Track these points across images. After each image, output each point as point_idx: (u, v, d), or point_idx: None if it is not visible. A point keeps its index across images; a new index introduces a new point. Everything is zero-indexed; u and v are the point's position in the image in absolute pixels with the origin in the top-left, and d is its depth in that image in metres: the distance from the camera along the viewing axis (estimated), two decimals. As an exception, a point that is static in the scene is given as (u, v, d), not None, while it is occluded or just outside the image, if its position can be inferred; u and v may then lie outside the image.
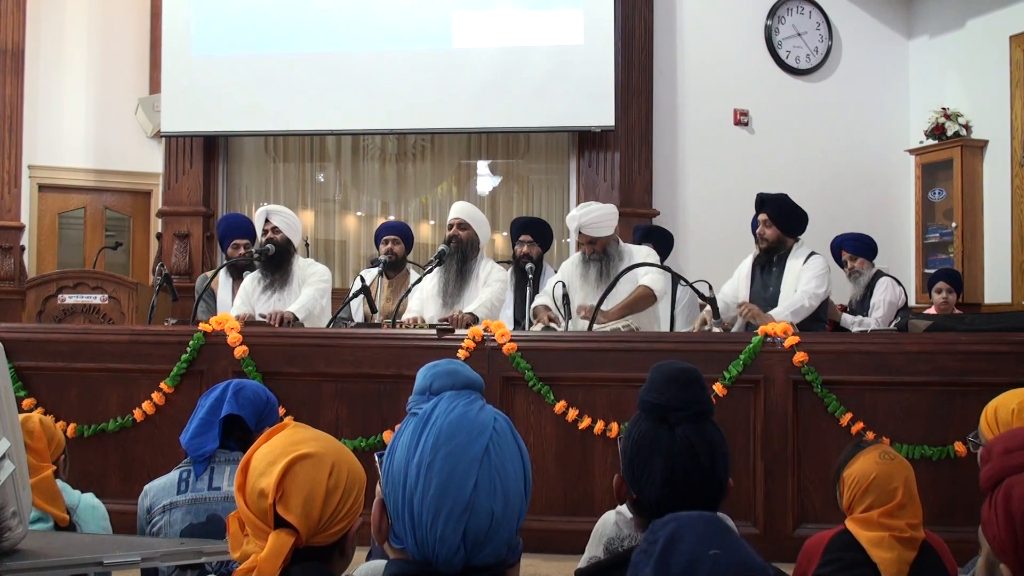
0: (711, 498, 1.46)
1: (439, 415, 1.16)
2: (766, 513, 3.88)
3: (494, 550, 1.13)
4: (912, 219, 7.46)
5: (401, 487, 1.13)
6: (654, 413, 1.50)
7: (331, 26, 6.95)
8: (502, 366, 4.02)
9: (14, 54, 6.89)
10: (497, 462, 1.14)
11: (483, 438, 1.14)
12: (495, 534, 1.12)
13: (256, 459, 1.47)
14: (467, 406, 1.18)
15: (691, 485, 1.43)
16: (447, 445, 1.13)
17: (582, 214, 4.54)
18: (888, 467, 2.19)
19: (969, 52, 7.16)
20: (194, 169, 7.22)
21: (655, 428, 1.48)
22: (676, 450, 1.45)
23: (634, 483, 1.48)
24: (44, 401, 4.18)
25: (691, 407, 1.49)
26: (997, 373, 3.76)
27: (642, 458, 1.47)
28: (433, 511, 1.10)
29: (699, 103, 7.26)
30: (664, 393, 1.50)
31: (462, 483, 1.10)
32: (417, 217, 7.54)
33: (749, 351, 3.91)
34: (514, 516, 1.14)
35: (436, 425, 1.15)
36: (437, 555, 1.11)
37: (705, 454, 1.45)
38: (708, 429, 1.49)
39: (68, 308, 5.56)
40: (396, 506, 1.14)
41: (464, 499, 1.10)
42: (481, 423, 1.16)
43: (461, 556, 1.11)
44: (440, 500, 1.10)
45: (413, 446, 1.14)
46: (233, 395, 2.36)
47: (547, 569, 3.63)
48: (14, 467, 1.83)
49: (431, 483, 1.11)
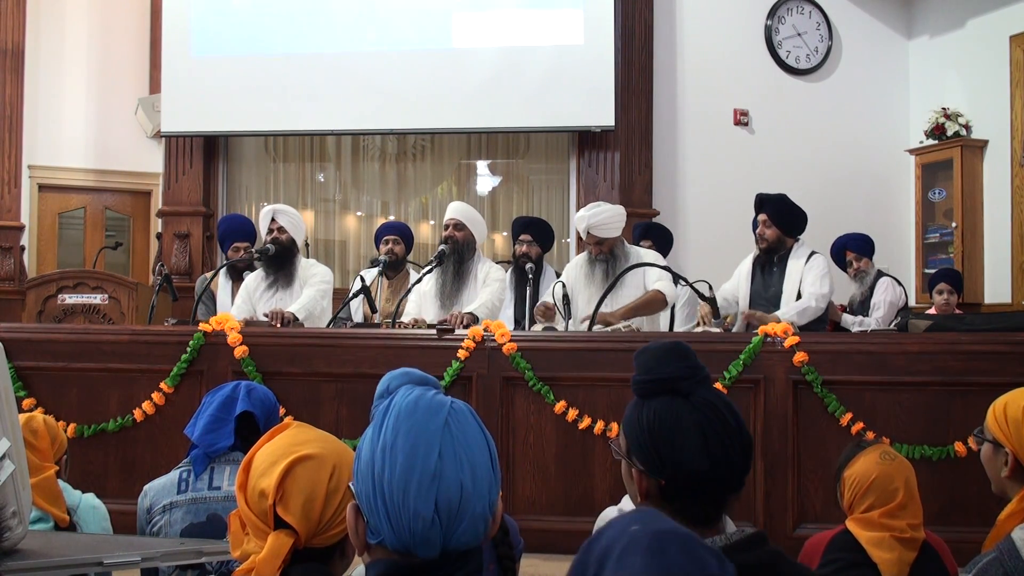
0: (745, 460, 1.41)
1: (397, 402, 1.18)
2: (766, 513, 3.88)
3: (470, 527, 1.12)
4: (912, 219, 7.47)
5: (370, 476, 1.14)
6: (662, 389, 1.44)
7: (331, 26, 6.95)
8: (502, 366, 4.02)
9: (14, 54, 6.88)
10: (458, 434, 1.15)
11: (442, 412, 1.16)
12: (467, 507, 1.12)
13: (258, 459, 1.48)
14: (423, 392, 1.20)
15: (725, 445, 1.39)
16: (407, 422, 1.14)
17: (591, 215, 4.47)
18: (889, 467, 2.19)
19: (969, 52, 7.16)
20: (194, 169, 7.23)
21: (670, 402, 1.43)
22: (702, 416, 1.40)
23: (661, 468, 1.40)
24: (44, 401, 4.18)
25: (697, 373, 1.45)
26: (997, 373, 3.76)
27: (667, 435, 1.40)
28: (403, 486, 1.11)
29: (699, 103, 7.26)
30: (667, 366, 1.45)
31: (427, 453, 1.12)
32: (417, 217, 7.54)
33: (749, 351, 3.91)
34: (484, 490, 1.14)
35: (395, 410, 1.17)
36: (414, 535, 1.11)
37: (730, 413, 1.41)
38: (718, 392, 1.46)
39: (68, 308, 5.56)
40: (368, 498, 1.14)
41: (431, 467, 1.11)
42: (438, 402, 1.18)
43: (437, 532, 1.11)
44: (408, 472, 1.11)
45: (376, 436, 1.16)
46: (246, 393, 2.38)
47: (547, 569, 3.63)
48: (14, 467, 1.83)
49: (397, 459, 1.12)
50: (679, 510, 1.39)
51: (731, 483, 1.41)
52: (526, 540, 2.76)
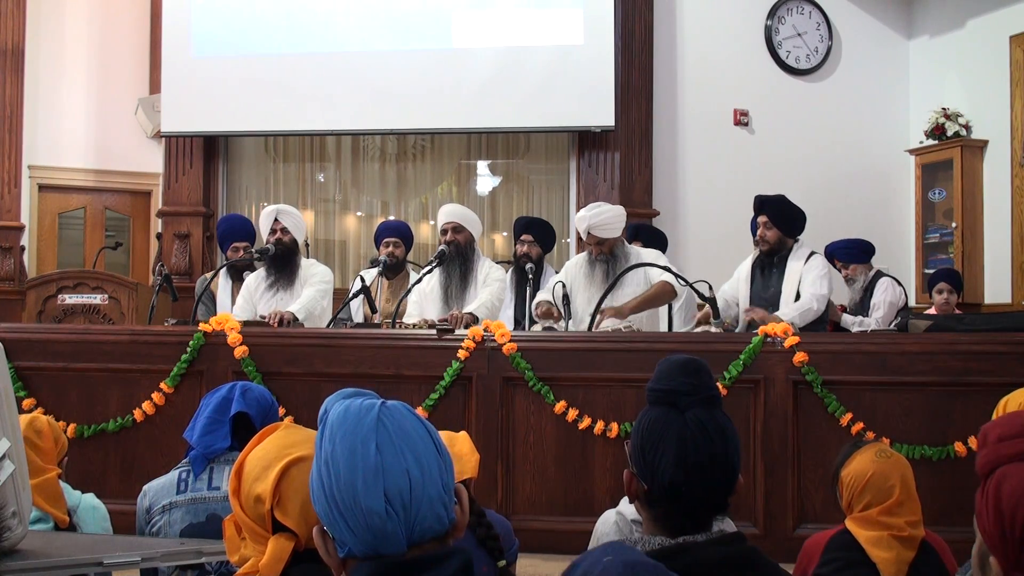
0: (724, 482, 1.45)
1: (329, 417, 1.19)
2: (766, 513, 3.88)
3: (430, 512, 1.13)
4: (912, 219, 7.46)
5: (321, 490, 1.15)
6: (664, 399, 1.49)
7: (331, 26, 6.95)
8: (502, 366, 4.02)
9: (14, 54, 6.89)
10: (393, 427, 1.15)
11: (372, 412, 1.17)
12: (421, 494, 1.12)
13: (250, 463, 1.47)
14: (352, 399, 1.21)
15: (703, 466, 1.42)
16: (341, 429, 1.16)
17: (592, 215, 4.46)
18: (884, 465, 2.20)
19: (969, 52, 7.16)
20: (194, 169, 7.23)
21: (666, 413, 1.47)
22: (688, 432, 1.44)
23: (645, 472, 1.46)
24: (44, 401, 4.18)
25: (700, 392, 1.48)
26: (997, 373, 3.76)
27: (653, 443, 1.45)
28: (350, 488, 1.12)
29: (699, 103, 7.26)
30: (673, 380, 1.50)
31: (364, 450, 1.13)
32: (417, 217, 7.54)
33: (749, 351, 3.91)
34: (434, 474, 1.15)
35: (328, 424, 1.18)
36: (374, 533, 1.11)
37: (717, 436, 1.44)
38: (719, 415, 1.48)
39: (68, 308, 5.56)
40: (325, 513, 1.15)
41: (371, 462, 1.12)
42: (368, 404, 1.18)
43: (396, 524, 1.11)
44: (351, 473, 1.12)
45: (319, 454, 1.17)
46: (241, 394, 2.38)
47: (547, 569, 3.63)
48: (14, 467, 1.83)
49: (339, 465, 1.13)
50: (657, 517, 1.45)
51: (708, 501, 1.44)
52: (526, 540, 2.77)
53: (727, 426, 1.48)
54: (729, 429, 1.48)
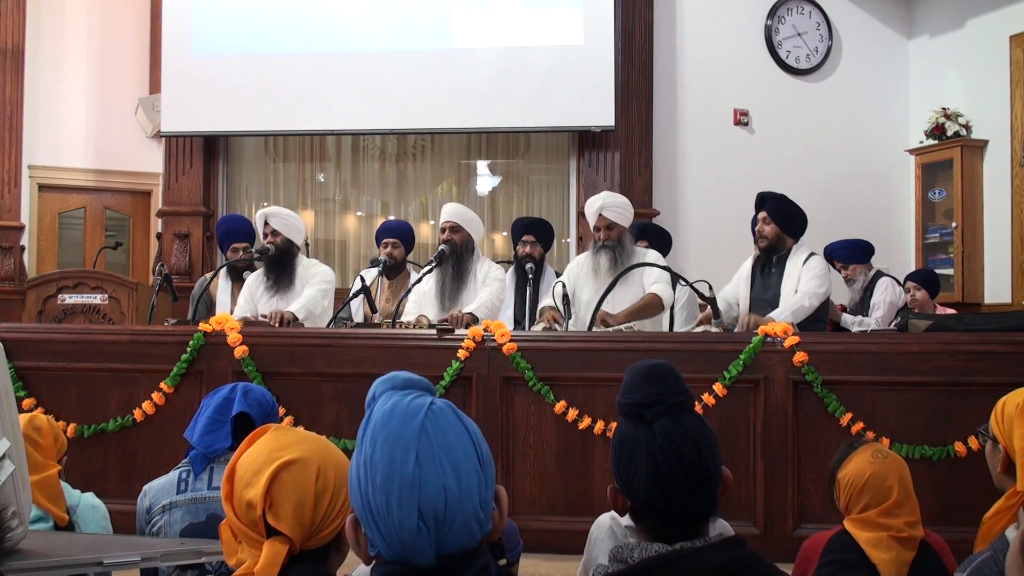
0: (700, 491, 1.41)
1: (375, 412, 1.18)
2: (766, 513, 3.88)
3: (463, 529, 1.12)
4: (912, 219, 7.46)
5: (357, 491, 1.15)
6: (631, 413, 1.46)
7: (331, 26, 6.95)
8: (502, 366, 4.02)
9: (14, 54, 6.89)
10: (437, 436, 1.14)
11: (418, 417, 1.15)
12: (456, 510, 1.11)
13: (240, 468, 1.46)
14: (402, 397, 1.19)
15: (676, 479, 1.39)
16: (383, 431, 1.14)
17: (605, 195, 4.71)
18: (881, 466, 2.19)
19: (969, 52, 7.16)
20: (194, 169, 7.23)
21: (634, 428, 1.44)
22: (656, 446, 1.40)
23: (624, 488, 1.44)
24: (44, 401, 4.18)
25: (665, 401, 1.44)
26: (997, 373, 3.76)
27: (625, 460, 1.43)
28: (385, 497, 1.11)
29: (699, 103, 7.26)
30: (637, 392, 1.46)
31: (403, 461, 1.11)
32: (417, 217, 7.54)
33: (749, 351, 3.91)
34: (473, 491, 1.13)
35: (372, 421, 1.17)
36: (404, 544, 1.11)
37: (688, 445, 1.41)
38: (688, 421, 1.44)
39: (68, 308, 5.56)
40: (360, 511, 1.15)
41: (408, 475, 1.11)
42: (416, 406, 1.16)
43: (426, 539, 1.10)
44: (387, 483, 1.11)
45: (359, 450, 1.16)
46: (243, 395, 2.38)
47: (547, 569, 3.63)
48: (14, 467, 1.83)
49: (376, 471, 1.12)
50: (649, 528, 1.42)
51: (691, 510, 1.41)
52: (526, 540, 2.77)
53: (698, 430, 1.43)
54: (700, 433, 1.43)
